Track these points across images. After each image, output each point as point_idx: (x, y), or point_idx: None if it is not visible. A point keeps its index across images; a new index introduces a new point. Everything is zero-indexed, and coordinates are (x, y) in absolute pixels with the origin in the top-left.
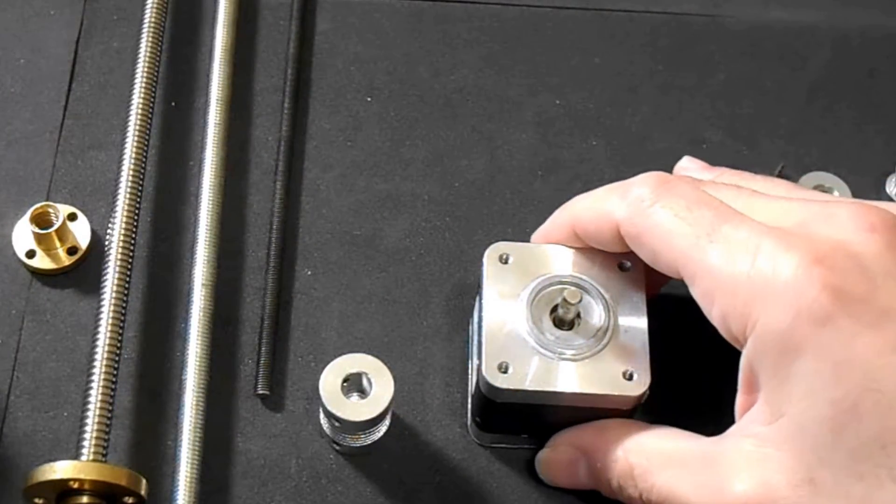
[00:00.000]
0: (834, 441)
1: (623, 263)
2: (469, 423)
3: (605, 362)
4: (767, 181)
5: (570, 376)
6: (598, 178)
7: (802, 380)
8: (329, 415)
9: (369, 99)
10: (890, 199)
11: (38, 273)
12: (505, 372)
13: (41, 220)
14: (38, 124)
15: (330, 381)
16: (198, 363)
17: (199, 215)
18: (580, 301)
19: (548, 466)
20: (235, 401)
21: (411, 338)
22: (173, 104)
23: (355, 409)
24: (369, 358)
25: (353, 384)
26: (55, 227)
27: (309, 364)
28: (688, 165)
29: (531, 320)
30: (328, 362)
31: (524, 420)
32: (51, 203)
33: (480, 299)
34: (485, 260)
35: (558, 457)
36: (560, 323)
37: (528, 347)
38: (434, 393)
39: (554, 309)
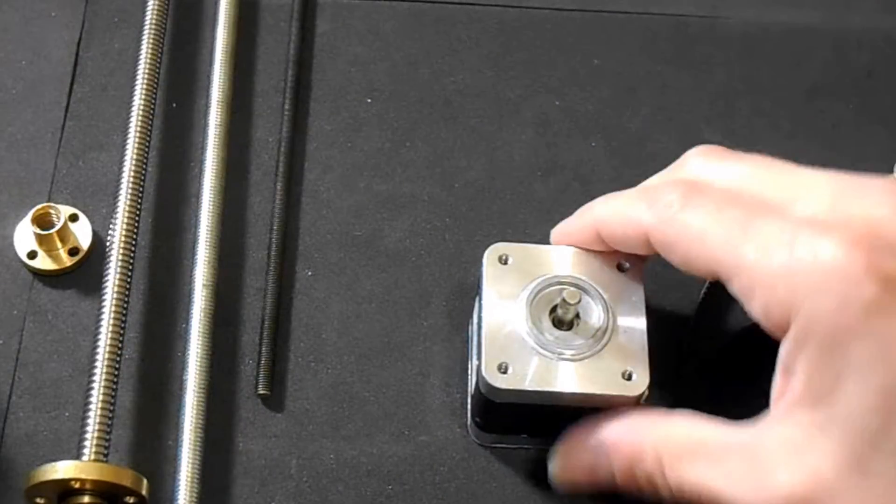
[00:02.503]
0: (883, 427)
1: (622, 264)
2: (469, 423)
3: (604, 362)
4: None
5: (569, 376)
6: (598, 179)
7: (850, 366)
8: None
9: (369, 100)
10: None
11: (39, 274)
12: (505, 372)
13: (42, 221)
14: (40, 125)
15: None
16: (198, 363)
17: (200, 216)
18: (579, 301)
19: (564, 471)
20: (236, 401)
21: (411, 338)
22: (174, 105)
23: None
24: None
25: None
26: (56, 227)
27: (309, 364)
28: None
29: (530, 321)
30: (328, 362)
31: (524, 420)
32: (52, 204)
33: (480, 300)
34: (484, 260)
35: (575, 460)
36: (559, 323)
37: (527, 348)
38: (434, 393)
39: (553, 309)
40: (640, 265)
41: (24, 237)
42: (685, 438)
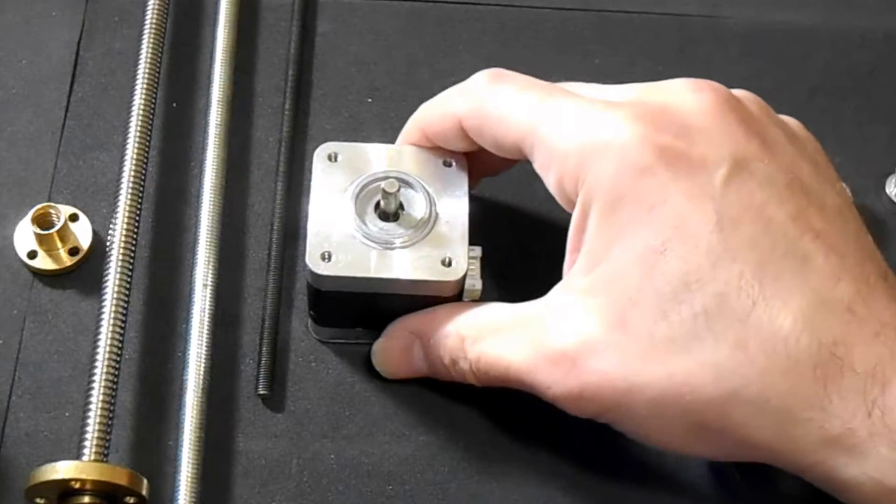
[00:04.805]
0: (642, 281)
1: (447, 161)
2: (309, 322)
3: (425, 250)
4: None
5: (391, 263)
6: None
7: (620, 227)
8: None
9: (370, 100)
10: (890, 200)
11: (39, 274)
12: (327, 260)
13: (42, 221)
14: (40, 125)
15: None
16: (199, 363)
17: (201, 216)
18: (398, 191)
19: (383, 354)
20: (236, 401)
21: None
22: (174, 105)
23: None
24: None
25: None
26: (56, 227)
27: (309, 364)
28: None
29: (356, 213)
30: (329, 362)
31: (353, 311)
32: (52, 204)
33: (309, 195)
34: (314, 158)
35: (392, 343)
36: (385, 216)
37: (351, 238)
38: (435, 393)
39: (379, 203)
40: (464, 161)
41: (24, 237)
42: (483, 319)
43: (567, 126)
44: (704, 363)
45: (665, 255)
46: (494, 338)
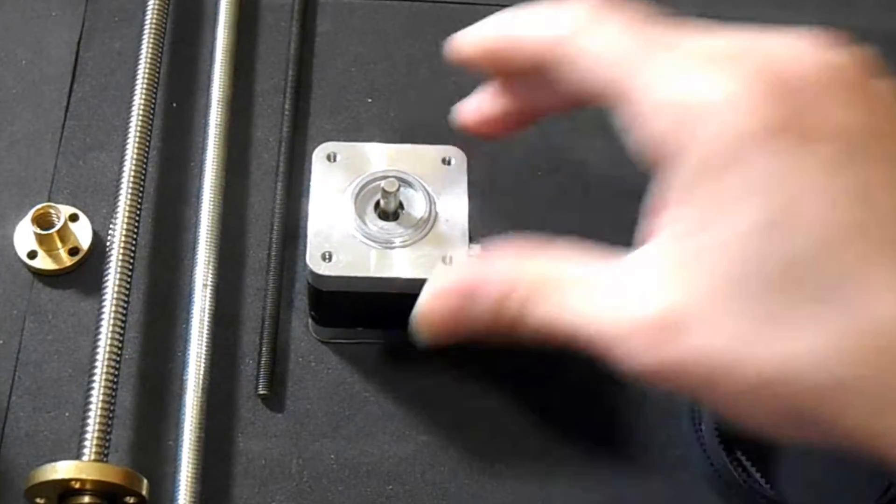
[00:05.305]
0: (750, 259)
1: (446, 159)
2: (309, 322)
3: (425, 249)
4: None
5: (391, 262)
6: (598, 179)
7: (724, 197)
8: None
9: (370, 100)
10: None
11: (39, 274)
12: (328, 260)
13: (42, 221)
14: (40, 125)
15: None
16: (199, 363)
17: (200, 216)
18: (398, 190)
19: (429, 314)
20: (236, 401)
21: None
22: (174, 105)
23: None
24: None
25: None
26: (56, 227)
27: (309, 364)
28: None
29: (356, 213)
30: (329, 362)
31: (353, 311)
32: (52, 204)
33: (308, 195)
34: (314, 158)
35: (441, 302)
36: (385, 215)
37: (352, 238)
38: (434, 393)
39: (378, 202)
40: (464, 159)
41: (24, 237)
42: (561, 270)
43: (669, 81)
44: (808, 349)
45: (771, 233)
46: (573, 293)
